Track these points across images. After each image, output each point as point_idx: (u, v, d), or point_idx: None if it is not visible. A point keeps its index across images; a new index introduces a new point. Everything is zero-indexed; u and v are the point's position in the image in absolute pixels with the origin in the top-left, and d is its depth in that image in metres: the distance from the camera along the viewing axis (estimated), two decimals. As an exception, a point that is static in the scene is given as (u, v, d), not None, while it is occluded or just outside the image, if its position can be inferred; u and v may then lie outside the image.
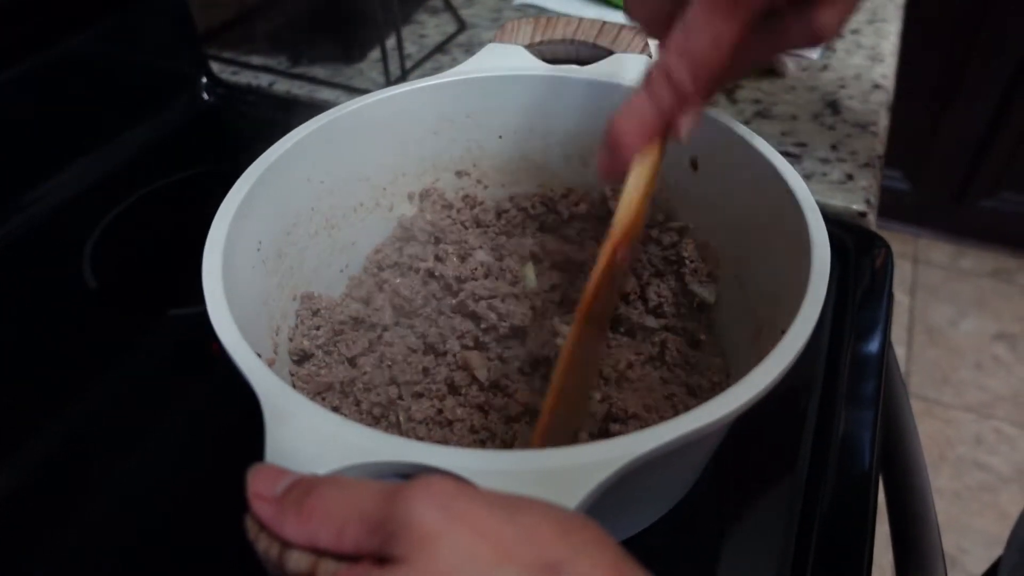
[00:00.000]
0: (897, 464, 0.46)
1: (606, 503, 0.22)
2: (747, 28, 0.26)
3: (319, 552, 0.19)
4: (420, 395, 0.35)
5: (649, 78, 0.27)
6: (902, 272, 1.53)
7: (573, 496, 0.21)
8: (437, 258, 0.40)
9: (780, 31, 0.27)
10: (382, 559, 0.17)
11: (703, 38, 0.26)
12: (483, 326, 0.37)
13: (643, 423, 0.32)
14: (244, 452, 0.23)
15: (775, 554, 0.33)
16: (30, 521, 0.35)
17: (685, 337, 0.38)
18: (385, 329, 0.38)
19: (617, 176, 0.28)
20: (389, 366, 0.36)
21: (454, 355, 0.36)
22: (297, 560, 0.19)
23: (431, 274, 0.39)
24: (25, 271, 0.48)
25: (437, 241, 0.41)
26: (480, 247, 0.41)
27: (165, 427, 0.39)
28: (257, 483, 0.20)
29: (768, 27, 0.27)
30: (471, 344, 0.36)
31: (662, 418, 0.32)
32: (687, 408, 0.32)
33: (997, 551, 0.56)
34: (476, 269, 0.39)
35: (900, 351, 1.39)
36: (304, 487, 0.19)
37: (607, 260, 0.27)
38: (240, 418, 0.25)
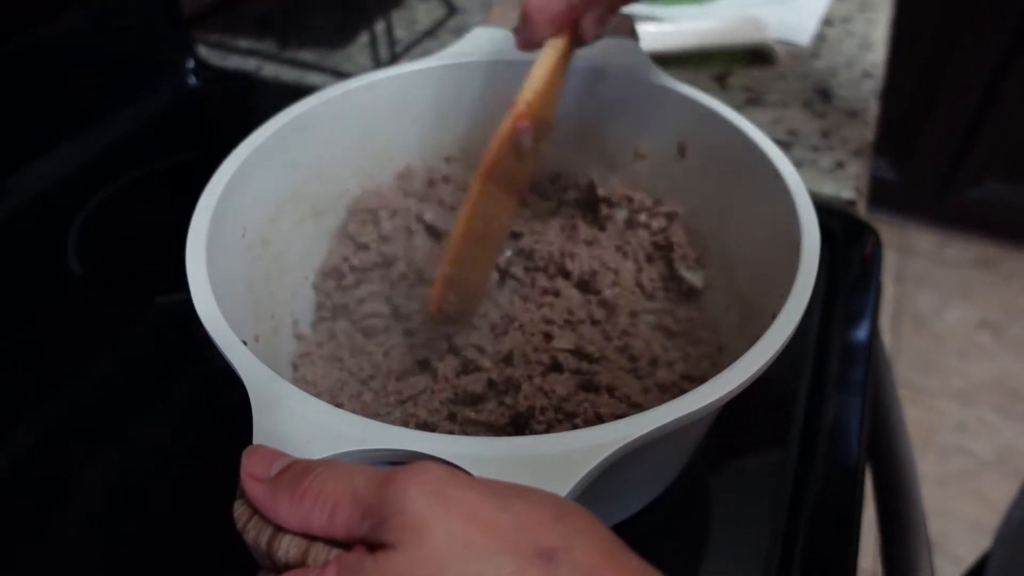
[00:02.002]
0: (884, 449, 0.46)
1: (596, 488, 0.22)
2: None
3: (310, 537, 0.19)
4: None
5: None
6: (888, 260, 1.54)
7: (565, 481, 0.20)
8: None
9: None
10: (374, 546, 0.17)
11: None
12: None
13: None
14: (233, 440, 0.22)
15: (764, 537, 0.33)
16: (15, 511, 0.35)
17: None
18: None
19: (531, 48, 0.31)
20: (386, 354, 0.35)
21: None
22: (288, 546, 0.18)
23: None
24: (9, 257, 0.47)
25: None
26: None
27: (152, 415, 0.38)
28: (252, 464, 0.20)
29: None
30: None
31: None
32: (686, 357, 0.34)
33: (979, 536, 0.57)
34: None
35: (886, 339, 1.40)
36: (299, 468, 0.20)
37: (510, 125, 0.30)
38: (228, 406, 0.25)
